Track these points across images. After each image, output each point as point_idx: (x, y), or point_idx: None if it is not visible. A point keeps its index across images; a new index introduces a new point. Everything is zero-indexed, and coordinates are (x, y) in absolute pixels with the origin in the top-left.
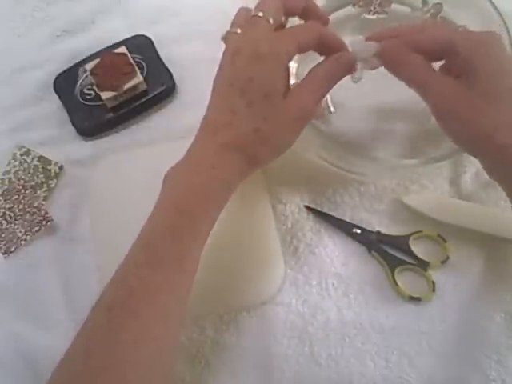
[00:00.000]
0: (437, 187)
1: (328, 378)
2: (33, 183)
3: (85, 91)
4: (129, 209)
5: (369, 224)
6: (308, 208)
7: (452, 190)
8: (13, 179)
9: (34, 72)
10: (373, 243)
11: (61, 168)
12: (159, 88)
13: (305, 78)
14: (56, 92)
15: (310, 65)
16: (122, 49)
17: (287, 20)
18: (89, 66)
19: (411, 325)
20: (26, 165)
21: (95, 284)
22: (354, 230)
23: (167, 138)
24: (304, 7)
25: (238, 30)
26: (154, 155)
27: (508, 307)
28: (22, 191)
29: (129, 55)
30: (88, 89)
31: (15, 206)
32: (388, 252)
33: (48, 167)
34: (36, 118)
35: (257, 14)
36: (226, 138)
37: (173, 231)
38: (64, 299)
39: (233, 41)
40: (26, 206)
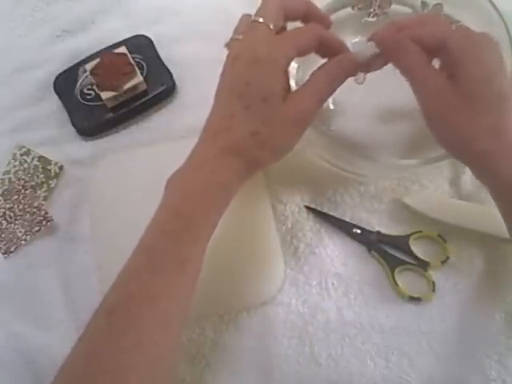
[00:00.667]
0: (437, 187)
1: (328, 378)
2: (33, 183)
3: (85, 91)
4: (129, 209)
5: (369, 224)
6: (308, 208)
7: (452, 190)
8: (13, 179)
9: (34, 72)
10: (373, 243)
11: (61, 168)
12: (159, 88)
13: (306, 81)
14: (56, 92)
15: (310, 66)
16: (122, 49)
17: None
18: (89, 66)
19: (411, 325)
20: (26, 165)
21: (95, 284)
22: (354, 230)
23: (167, 138)
24: (305, 11)
25: (240, 37)
26: (154, 155)
27: (508, 307)
28: (22, 191)
29: (129, 55)
30: (88, 89)
31: (15, 206)
32: (388, 252)
33: (48, 167)
34: (36, 118)
35: (257, 20)
36: (225, 142)
37: (173, 236)
38: (64, 299)
39: (234, 47)
40: (26, 206)
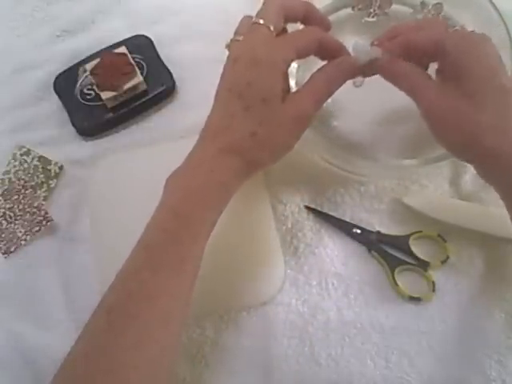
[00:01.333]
0: (437, 187)
1: (328, 378)
2: (33, 183)
3: (85, 91)
4: (129, 209)
5: (369, 224)
6: (308, 208)
7: (452, 190)
8: (13, 179)
9: (34, 72)
10: (373, 243)
11: (61, 168)
12: (159, 88)
13: (306, 83)
14: (56, 92)
15: (311, 66)
16: (122, 49)
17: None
18: (89, 66)
19: (411, 325)
20: (26, 165)
21: (95, 284)
22: (354, 230)
23: (167, 138)
24: (304, 13)
25: (241, 38)
26: (154, 155)
27: (508, 307)
28: (22, 191)
29: (129, 55)
30: (88, 89)
31: (15, 206)
32: (388, 252)
33: (48, 167)
34: (36, 118)
35: (257, 21)
36: (225, 142)
37: (172, 234)
38: (64, 299)
39: (234, 48)
40: (26, 206)
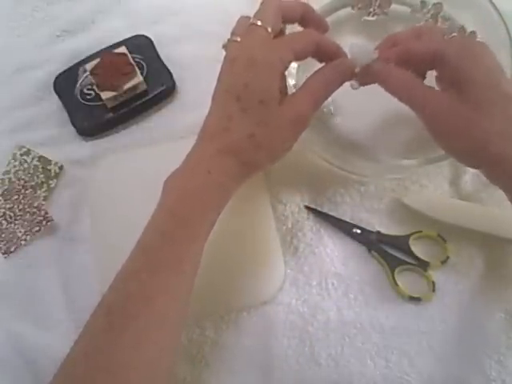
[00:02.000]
0: (437, 187)
1: (328, 378)
2: (33, 183)
3: (85, 91)
4: (129, 209)
5: (369, 224)
6: (308, 208)
7: (452, 190)
8: (13, 179)
9: (34, 72)
10: (373, 243)
11: (61, 168)
12: (159, 88)
13: (303, 85)
14: (56, 92)
15: (310, 66)
16: (122, 49)
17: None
18: (89, 66)
19: (411, 325)
20: (26, 165)
21: (95, 284)
22: (354, 230)
23: (167, 138)
24: (302, 14)
25: (238, 39)
26: (154, 155)
27: (508, 307)
28: (22, 191)
29: (129, 55)
30: (88, 89)
31: (15, 206)
32: (388, 252)
33: (48, 167)
34: (36, 118)
35: (255, 23)
36: (222, 144)
37: (170, 235)
38: (64, 299)
39: (232, 49)
40: (26, 206)
